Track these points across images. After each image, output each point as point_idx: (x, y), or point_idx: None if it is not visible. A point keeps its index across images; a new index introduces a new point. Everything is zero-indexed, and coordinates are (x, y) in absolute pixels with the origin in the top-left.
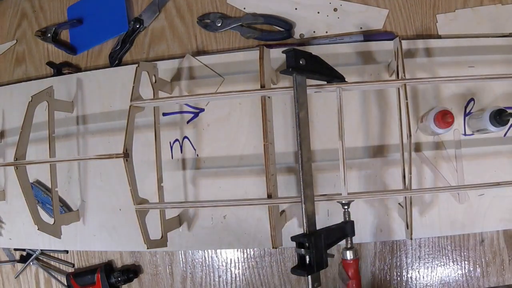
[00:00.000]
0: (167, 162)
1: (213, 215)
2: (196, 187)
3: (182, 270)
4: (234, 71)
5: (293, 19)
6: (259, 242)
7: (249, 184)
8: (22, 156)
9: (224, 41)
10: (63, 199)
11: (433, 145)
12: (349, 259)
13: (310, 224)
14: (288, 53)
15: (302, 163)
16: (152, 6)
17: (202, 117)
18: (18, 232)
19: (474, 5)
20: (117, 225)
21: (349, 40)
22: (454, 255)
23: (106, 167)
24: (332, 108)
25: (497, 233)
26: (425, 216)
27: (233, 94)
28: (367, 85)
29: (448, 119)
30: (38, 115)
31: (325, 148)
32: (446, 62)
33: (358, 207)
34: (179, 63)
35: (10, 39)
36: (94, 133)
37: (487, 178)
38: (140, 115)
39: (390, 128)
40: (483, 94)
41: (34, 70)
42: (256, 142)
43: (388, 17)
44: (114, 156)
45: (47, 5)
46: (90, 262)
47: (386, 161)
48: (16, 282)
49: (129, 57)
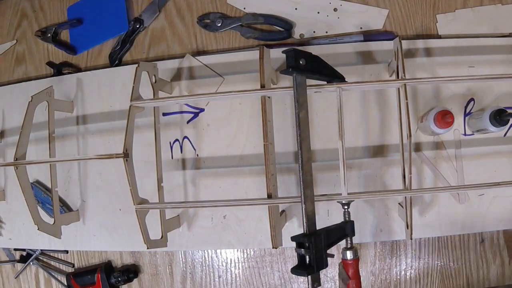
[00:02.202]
0: (167, 162)
1: (213, 215)
2: (196, 187)
3: (182, 270)
4: (234, 71)
5: (293, 19)
6: (259, 242)
7: (249, 184)
8: (22, 156)
9: (224, 41)
10: (63, 199)
11: (433, 145)
12: (349, 259)
13: (310, 224)
14: (288, 53)
15: (302, 163)
16: (152, 6)
17: (202, 117)
18: (18, 232)
19: (474, 5)
20: (117, 225)
21: (349, 40)
22: (454, 255)
23: (106, 167)
24: (332, 108)
25: (497, 233)
26: (425, 216)
27: (233, 94)
28: (367, 85)
29: (448, 119)
30: (38, 115)
31: (325, 148)
32: (446, 62)
33: (358, 207)
34: (179, 63)
35: (10, 39)
36: (94, 133)
37: (487, 178)
38: (140, 115)
39: (390, 128)
40: (483, 94)
41: (34, 70)
42: (256, 142)
43: (388, 17)
44: (114, 156)
45: (47, 5)
46: (90, 262)
47: (386, 161)
48: (16, 282)
49: (129, 57)
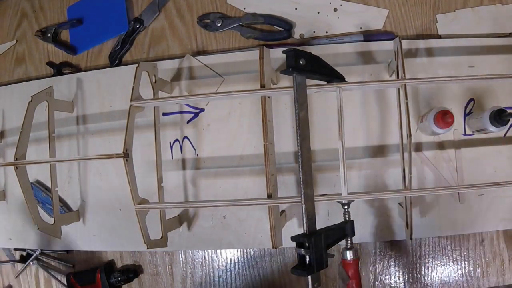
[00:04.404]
0: (167, 162)
1: (213, 215)
2: (196, 187)
3: (182, 270)
4: (234, 71)
5: (293, 19)
6: (259, 242)
7: (249, 184)
8: (22, 156)
9: (224, 41)
10: (63, 199)
11: (433, 145)
12: (349, 259)
13: (310, 224)
14: (288, 53)
15: (302, 163)
16: (152, 6)
17: (202, 117)
18: (18, 232)
19: (474, 5)
20: (117, 225)
21: (349, 40)
22: (454, 255)
23: (106, 167)
24: (332, 108)
25: (497, 233)
26: (425, 216)
27: (233, 94)
28: (367, 85)
29: (448, 119)
30: (38, 115)
31: (325, 148)
32: (446, 62)
33: (358, 207)
34: (179, 63)
35: (10, 39)
36: (94, 133)
37: (487, 178)
38: (140, 115)
39: (390, 128)
40: (483, 94)
41: (34, 70)
42: (256, 142)
43: (388, 17)
44: (114, 156)
45: (47, 5)
46: (90, 262)
47: (386, 161)
48: (16, 282)
49: (129, 57)
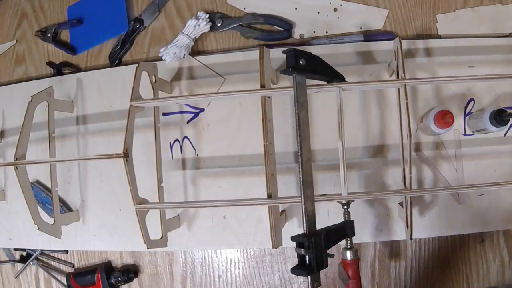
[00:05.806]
0: (167, 162)
1: (213, 215)
2: (196, 187)
3: (182, 270)
4: (234, 71)
5: (293, 19)
6: (259, 242)
7: (249, 184)
8: (22, 156)
9: (224, 41)
10: (63, 199)
11: (433, 145)
12: (349, 259)
13: (310, 224)
14: (288, 53)
15: (302, 163)
16: (152, 6)
17: (202, 117)
18: (18, 232)
19: (474, 5)
20: (117, 225)
21: (349, 40)
22: (454, 255)
23: (106, 167)
24: (332, 108)
25: (497, 233)
26: (425, 216)
27: (233, 94)
28: (367, 85)
29: (448, 119)
30: (38, 115)
31: (325, 148)
32: (446, 62)
33: (358, 207)
34: (179, 63)
35: (10, 39)
36: (94, 133)
37: (487, 178)
38: (140, 115)
39: (390, 128)
40: (483, 94)
41: (34, 70)
42: (256, 142)
43: (388, 17)
44: (114, 156)
45: (47, 5)
46: (90, 262)
47: (386, 161)
48: (16, 282)
49: (129, 57)
